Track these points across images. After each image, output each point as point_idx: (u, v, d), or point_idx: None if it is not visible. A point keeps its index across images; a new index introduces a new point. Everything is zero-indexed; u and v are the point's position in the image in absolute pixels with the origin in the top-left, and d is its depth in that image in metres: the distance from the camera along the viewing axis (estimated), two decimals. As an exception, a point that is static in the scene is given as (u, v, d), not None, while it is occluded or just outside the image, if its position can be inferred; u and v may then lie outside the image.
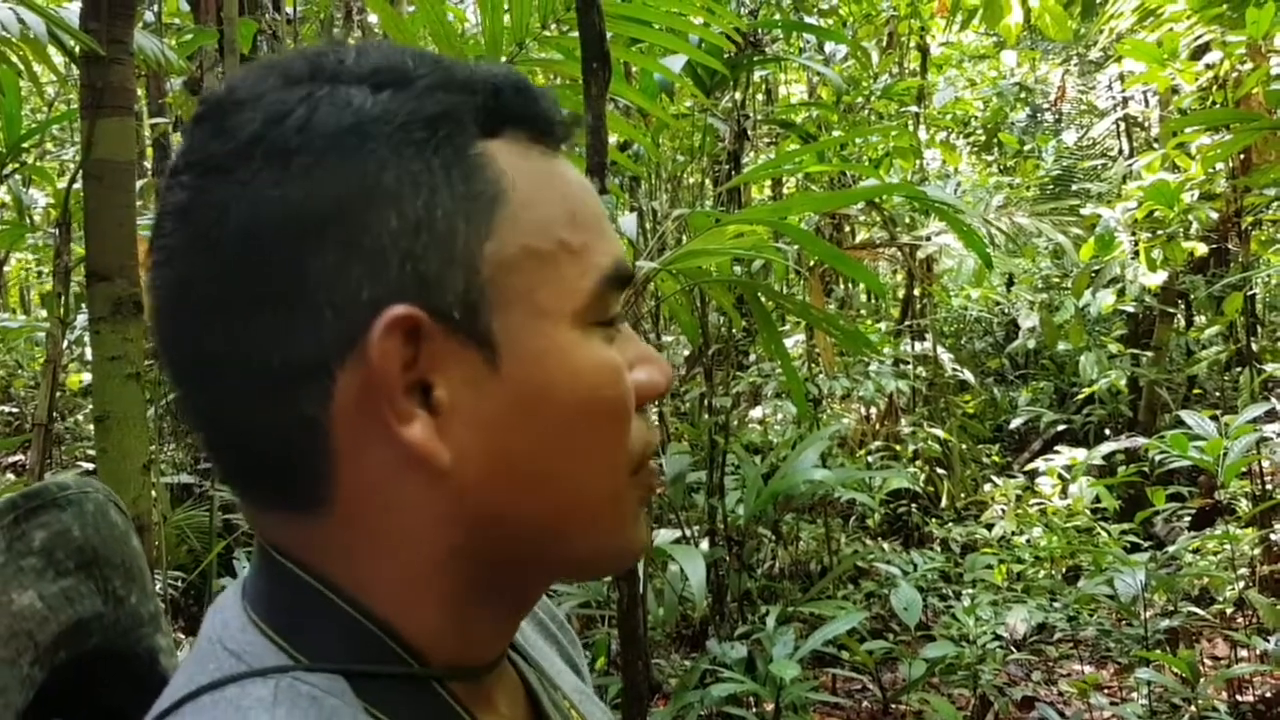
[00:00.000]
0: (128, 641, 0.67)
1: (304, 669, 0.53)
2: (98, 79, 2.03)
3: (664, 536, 4.30)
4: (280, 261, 0.51)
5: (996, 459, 6.52)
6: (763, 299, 2.85)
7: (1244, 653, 3.88)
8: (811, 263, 5.15)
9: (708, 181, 5.84)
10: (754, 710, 3.54)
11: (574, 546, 0.58)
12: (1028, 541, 4.89)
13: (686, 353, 5.47)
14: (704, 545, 4.31)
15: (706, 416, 4.44)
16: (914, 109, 5.97)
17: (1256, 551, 4.18)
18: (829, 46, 5.56)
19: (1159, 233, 4.61)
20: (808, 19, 4.91)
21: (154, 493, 3.55)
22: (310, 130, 0.52)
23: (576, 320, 0.55)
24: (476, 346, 0.53)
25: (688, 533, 4.49)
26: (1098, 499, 4.88)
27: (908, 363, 6.32)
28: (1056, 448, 5.66)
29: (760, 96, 6.57)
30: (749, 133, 4.70)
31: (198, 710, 0.51)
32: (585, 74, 2.04)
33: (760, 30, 4.59)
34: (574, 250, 0.56)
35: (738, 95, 4.69)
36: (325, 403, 0.52)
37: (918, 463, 5.91)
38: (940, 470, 5.98)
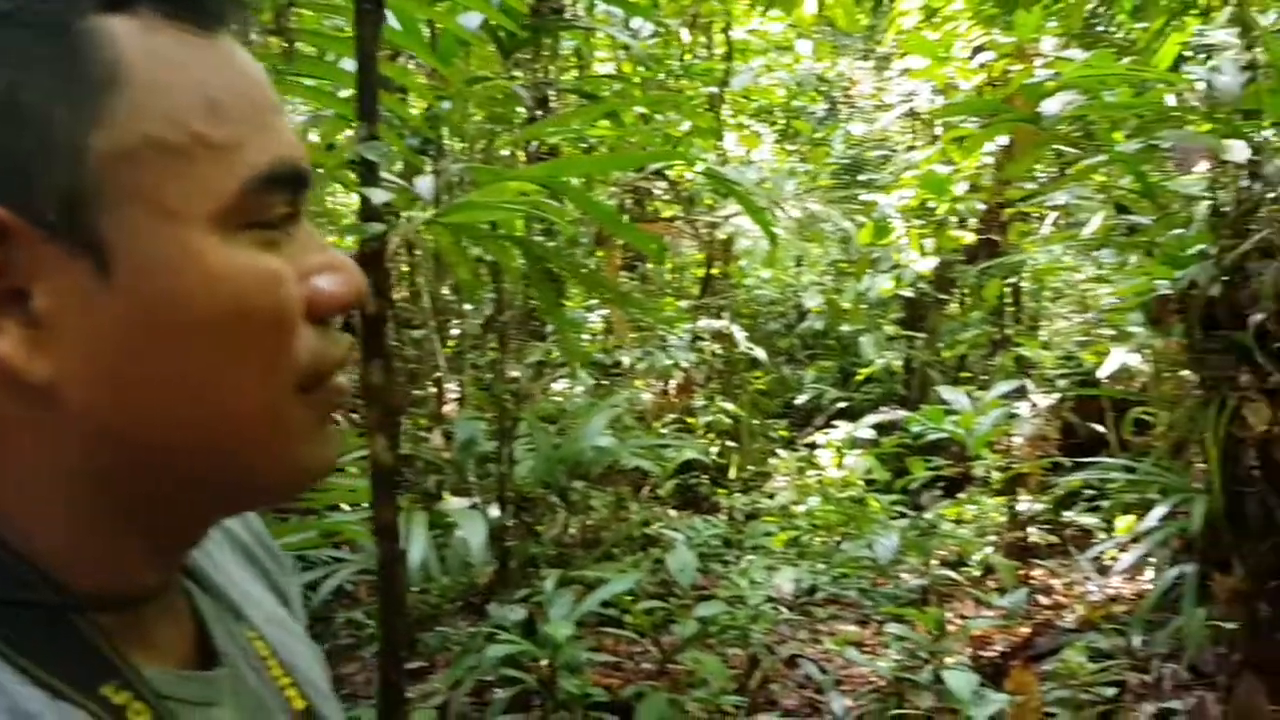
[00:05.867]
0: None
1: None
2: None
3: (455, 504, 4.30)
4: None
5: (784, 433, 6.80)
6: (557, 266, 2.87)
7: (991, 612, 4.19)
8: (610, 236, 5.21)
9: (521, 153, 5.81)
10: (534, 674, 3.57)
11: (231, 468, 0.54)
12: (806, 510, 5.13)
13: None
14: (494, 511, 4.32)
15: (502, 383, 4.45)
16: (714, 90, 6.12)
17: (1004, 519, 4.52)
18: (635, 22, 5.62)
19: (929, 221, 4.91)
20: (613, -8, 4.93)
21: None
22: None
23: (218, 223, 0.51)
24: (83, 251, 0.48)
25: (477, 500, 4.50)
26: (870, 470, 5.17)
27: (705, 339, 6.50)
28: (836, 423, 5.96)
29: (574, 73, 6.58)
30: (550, 101, 4.70)
31: None
32: (357, 15, 2.00)
33: (565, -1, 4.59)
34: (215, 144, 0.51)
35: (540, 64, 4.69)
36: None
37: (710, 435, 6.10)
38: (731, 443, 6.19)
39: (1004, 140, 4.53)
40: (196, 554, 0.63)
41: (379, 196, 1.76)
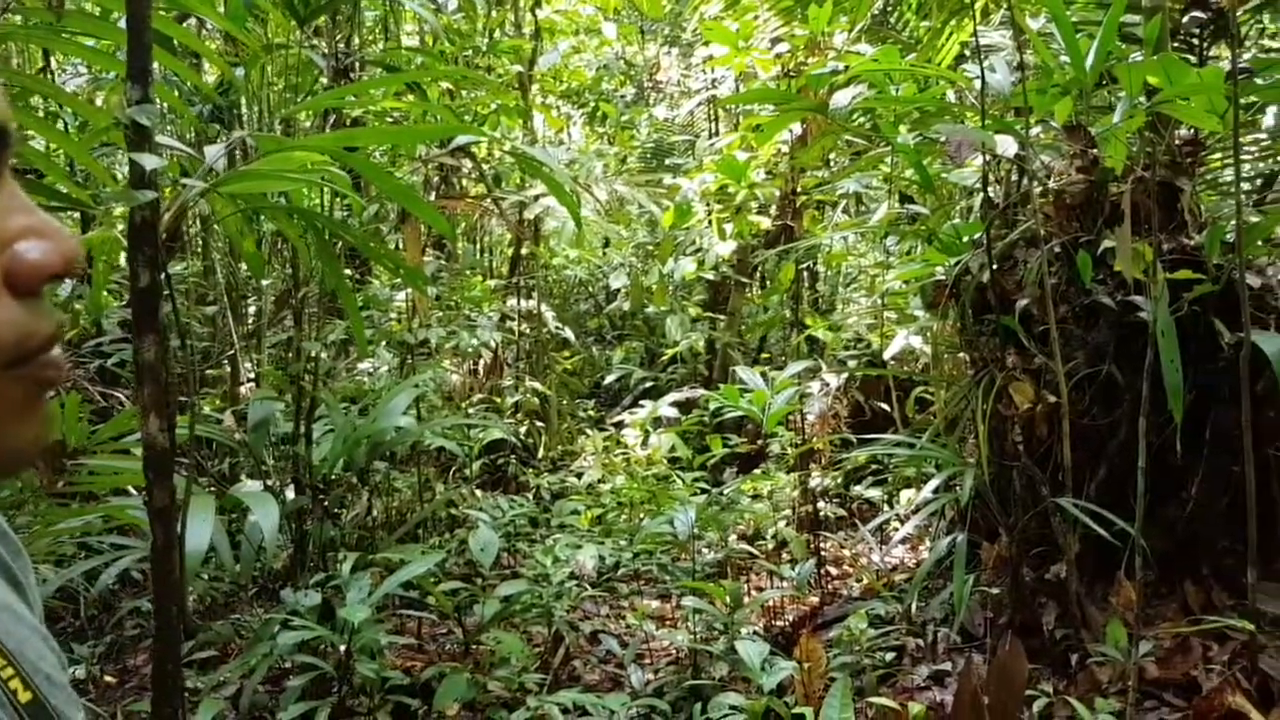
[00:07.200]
0: None
1: None
2: None
3: (248, 487, 4.13)
4: None
5: (592, 413, 6.86)
6: (350, 239, 2.80)
7: (784, 583, 4.36)
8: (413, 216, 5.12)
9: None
10: (330, 659, 3.48)
11: None
12: (611, 489, 5.20)
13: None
14: (290, 494, 4.18)
15: (299, 362, 4.30)
16: (519, 68, 6.08)
17: (797, 493, 4.71)
18: (441, -3, 5.53)
19: (728, 206, 5.04)
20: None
21: None
22: None
23: None
24: None
25: (273, 483, 4.34)
26: (674, 448, 5.28)
27: (514, 319, 6.48)
28: (643, 402, 6.06)
29: (380, 45, 6.40)
30: (351, 72, 4.56)
31: None
32: (127, -26, 1.89)
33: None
34: None
35: (340, 33, 4.54)
36: None
37: (518, 415, 6.10)
38: (539, 423, 6.21)
39: (798, 129, 4.70)
40: None
41: (150, 162, 1.67)
